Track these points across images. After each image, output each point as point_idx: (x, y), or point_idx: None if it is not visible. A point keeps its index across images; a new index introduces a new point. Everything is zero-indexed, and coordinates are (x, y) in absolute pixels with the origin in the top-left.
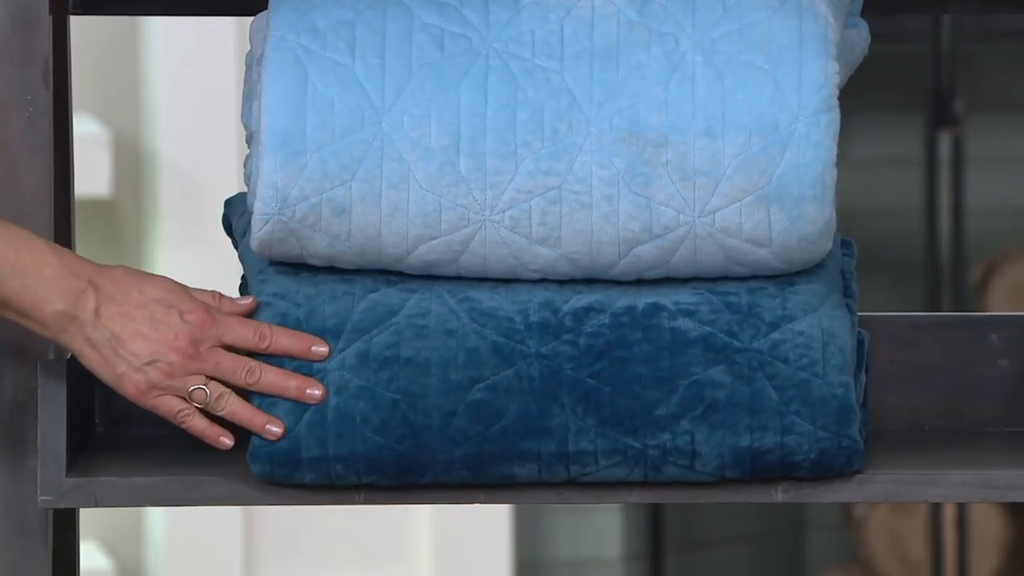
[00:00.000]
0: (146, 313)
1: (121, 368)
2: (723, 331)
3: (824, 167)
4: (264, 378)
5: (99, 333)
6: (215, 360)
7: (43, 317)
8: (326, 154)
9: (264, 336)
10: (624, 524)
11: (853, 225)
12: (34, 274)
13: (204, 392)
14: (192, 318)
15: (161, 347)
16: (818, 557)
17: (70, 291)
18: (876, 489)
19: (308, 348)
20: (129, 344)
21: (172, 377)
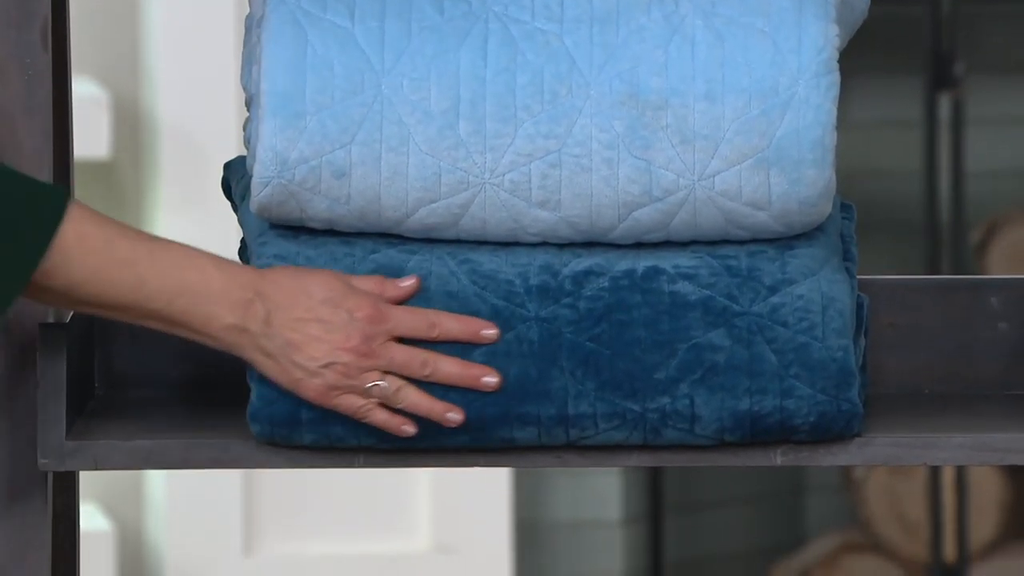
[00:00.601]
0: (315, 316)
1: (298, 374)
2: (722, 295)
3: (824, 130)
4: (439, 368)
5: (272, 342)
6: (389, 355)
7: (214, 333)
8: (325, 117)
9: (434, 325)
10: (624, 486)
11: (853, 187)
12: (200, 291)
13: (381, 387)
14: (361, 315)
15: (335, 349)
16: (817, 519)
17: (238, 304)
18: (875, 452)
19: (477, 332)
20: (303, 350)
21: (349, 377)
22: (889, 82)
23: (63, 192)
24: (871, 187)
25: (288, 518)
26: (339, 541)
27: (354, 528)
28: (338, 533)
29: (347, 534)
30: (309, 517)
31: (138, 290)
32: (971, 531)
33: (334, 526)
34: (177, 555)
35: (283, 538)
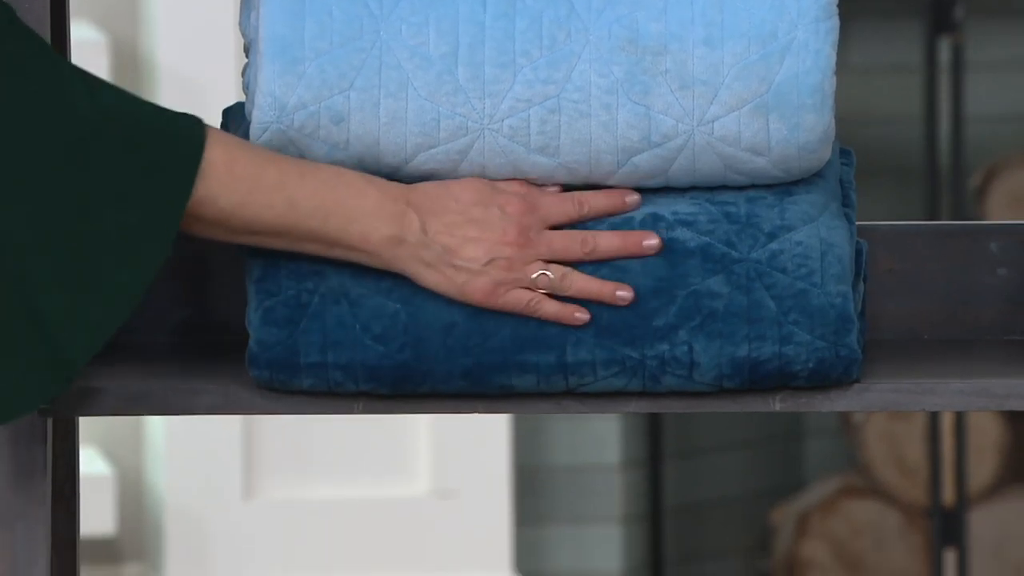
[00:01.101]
0: (468, 218)
1: (462, 278)
2: (721, 241)
3: (823, 75)
4: (599, 244)
5: (431, 251)
6: (547, 242)
7: (373, 247)
8: (324, 62)
9: (582, 202)
10: (622, 431)
11: (852, 132)
12: (355, 206)
13: (547, 277)
14: (512, 210)
15: (494, 245)
16: (816, 463)
17: (393, 216)
18: (874, 398)
19: (622, 201)
20: (462, 252)
21: (513, 270)
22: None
23: (199, 120)
24: (870, 132)
25: (287, 462)
26: (339, 485)
27: (354, 472)
28: (338, 477)
29: (347, 478)
30: (309, 461)
31: (291, 212)
32: (970, 475)
33: (334, 470)
34: (177, 499)
35: (283, 482)
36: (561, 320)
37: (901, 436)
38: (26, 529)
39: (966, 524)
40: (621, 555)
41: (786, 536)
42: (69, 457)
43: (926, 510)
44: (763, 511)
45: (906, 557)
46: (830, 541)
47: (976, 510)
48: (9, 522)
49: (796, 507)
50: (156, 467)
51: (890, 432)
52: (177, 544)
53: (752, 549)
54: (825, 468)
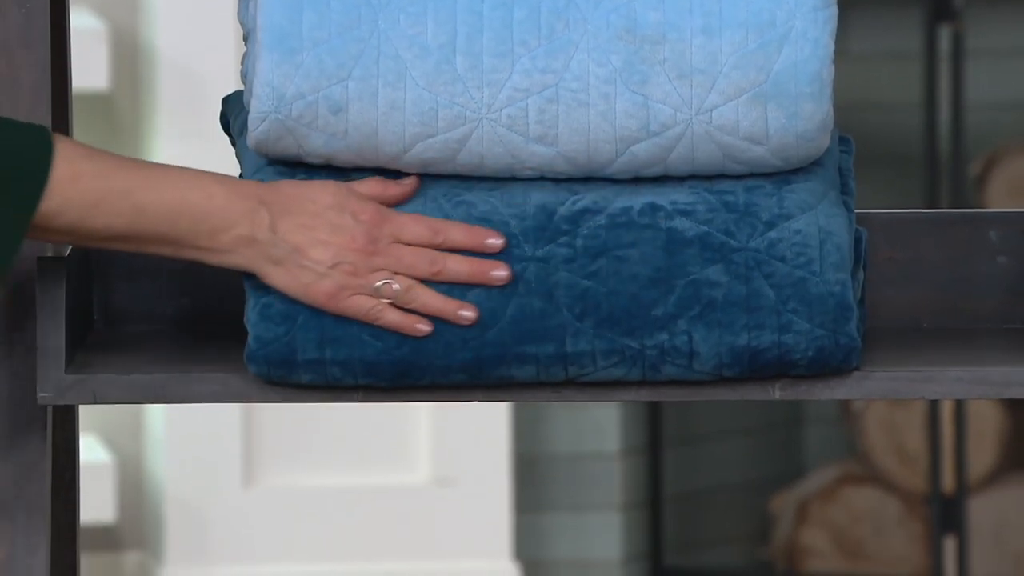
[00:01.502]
0: (322, 221)
1: (307, 278)
2: (720, 230)
3: (821, 64)
4: (448, 266)
5: (279, 248)
6: (396, 254)
7: (222, 245)
8: (322, 52)
9: (439, 231)
10: (622, 418)
11: (851, 120)
12: (203, 208)
13: (392, 287)
14: (366, 217)
15: (341, 249)
16: (816, 451)
17: (243, 214)
18: (873, 386)
19: (482, 241)
20: (310, 253)
21: (357, 276)
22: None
23: (47, 132)
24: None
25: (287, 450)
26: (338, 473)
27: (354, 460)
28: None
29: (347, 466)
30: (308, 449)
31: (140, 218)
32: (969, 462)
33: (334, 458)
34: (176, 487)
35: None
36: (402, 330)
37: (901, 424)
38: (26, 517)
39: (966, 511)
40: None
41: (786, 524)
42: (69, 445)
43: (926, 497)
44: (763, 499)
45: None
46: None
47: (976, 498)
48: (9, 510)
49: (796, 495)
50: (156, 455)
51: (890, 420)
52: (177, 532)
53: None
54: (825, 456)
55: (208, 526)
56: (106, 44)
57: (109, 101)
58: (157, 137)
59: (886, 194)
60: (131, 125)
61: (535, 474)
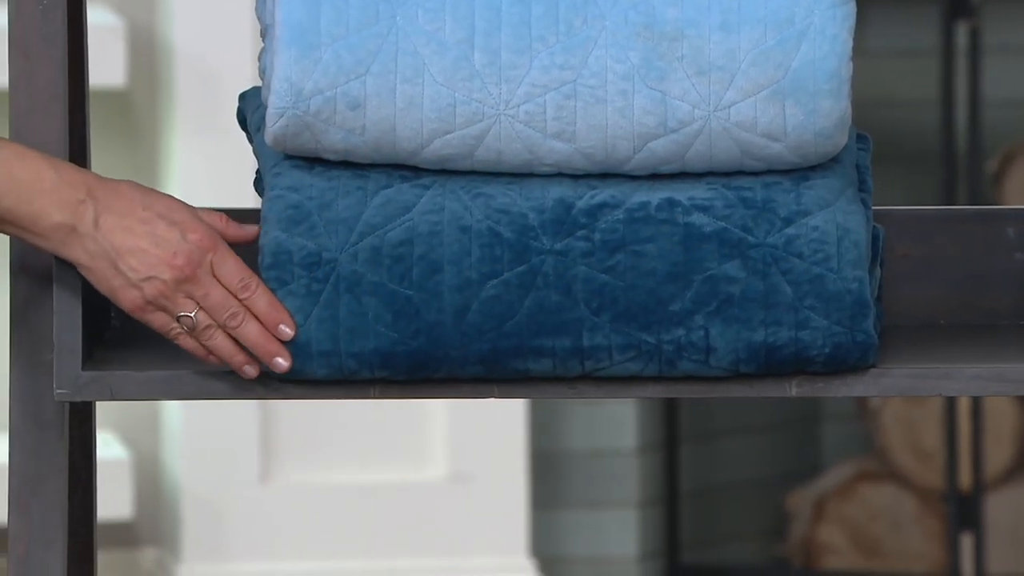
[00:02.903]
0: (148, 229)
1: (118, 282)
2: (738, 226)
3: (840, 61)
4: (244, 327)
5: (98, 245)
6: (206, 289)
7: (42, 230)
8: (340, 48)
9: (248, 287)
10: (639, 415)
11: (869, 117)
12: (31, 188)
13: (192, 320)
14: (194, 238)
15: (159, 264)
16: (832, 447)
17: (68, 202)
18: (890, 383)
19: (276, 323)
20: (127, 258)
21: (165, 297)
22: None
23: None
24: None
25: (304, 447)
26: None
27: (370, 456)
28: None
29: (363, 462)
30: (325, 446)
31: None
32: (986, 459)
33: (350, 455)
34: (193, 483)
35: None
36: (196, 355)
37: (918, 421)
38: (43, 513)
39: (982, 509)
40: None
41: (802, 521)
42: (86, 442)
43: (943, 495)
44: (779, 496)
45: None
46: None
47: (993, 495)
48: (26, 506)
49: (812, 491)
50: (173, 451)
51: (907, 417)
52: (194, 528)
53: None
54: (841, 453)
55: (225, 522)
56: (123, 40)
57: (126, 98)
58: (174, 133)
59: (903, 191)
60: (148, 121)
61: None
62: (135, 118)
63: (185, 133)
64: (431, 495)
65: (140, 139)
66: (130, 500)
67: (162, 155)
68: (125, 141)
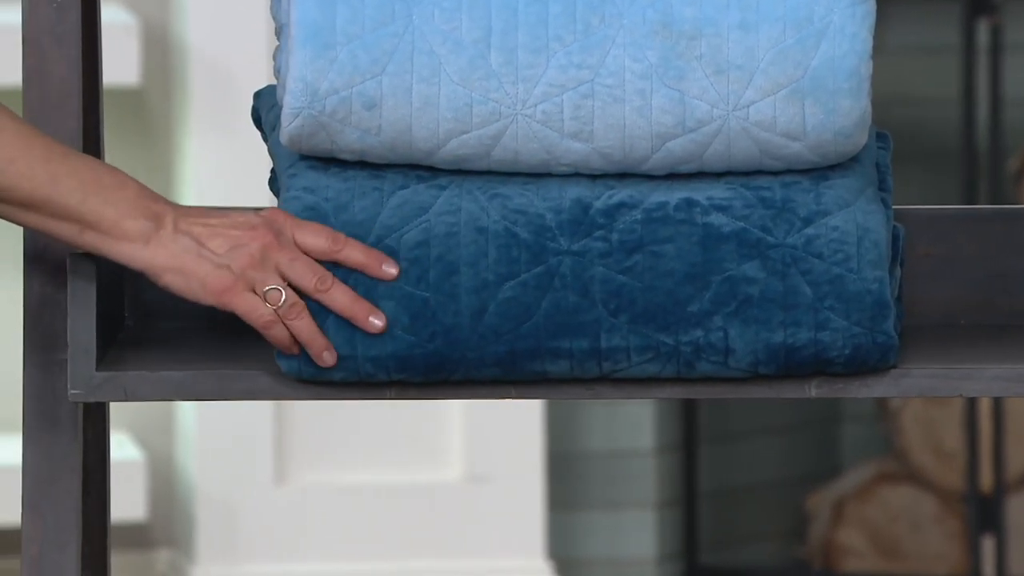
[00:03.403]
0: (224, 220)
1: (204, 268)
2: (757, 226)
3: (859, 59)
4: (334, 290)
5: (179, 241)
6: (292, 255)
7: (125, 232)
8: (356, 47)
9: (339, 240)
10: (657, 415)
11: (888, 115)
12: (115, 193)
13: (280, 293)
14: (268, 214)
15: (242, 237)
16: (852, 448)
17: (150, 208)
18: (911, 384)
19: (379, 265)
20: (209, 242)
21: (253, 267)
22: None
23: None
24: (907, 115)
25: (319, 448)
26: (371, 471)
27: (386, 457)
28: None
29: (379, 463)
30: (340, 447)
31: (52, 185)
32: (1008, 460)
33: (366, 456)
34: (208, 484)
35: (314, 468)
36: (279, 345)
37: (938, 421)
38: (57, 514)
39: (1004, 510)
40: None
41: (822, 522)
42: (100, 443)
43: (963, 496)
44: (799, 497)
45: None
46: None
47: (1014, 496)
48: (40, 507)
49: (832, 493)
50: (187, 452)
51: (927, 417)
52: (208, 530)
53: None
54: (861, 454)
55: (240, 524)
56: (137, 39)
57: (140, 97)
58: (188, 132)
59: (923, 190)
60: (162, 120)
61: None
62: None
63: (199, 132)
64: (447, 496)
65: (154, 138)
66: (144, 501)
67: (176, 154)
68: (139, 140)
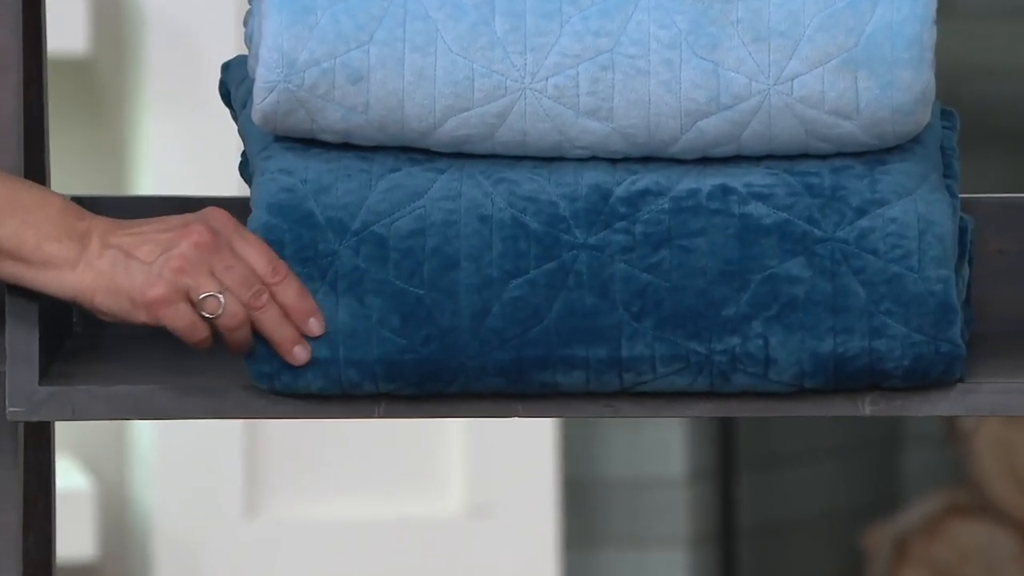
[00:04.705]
0: (156, 225)
1: (136, 280)
2: (802, 218)
3: (922, 24)
4: (267, 311)
5: (105, 257)
6: (230, 261)
7: (47, 257)
8: (339, 11)
9: (279, 271)
10: (688, 438)
11: (957, 90)
12: (37, 213)
13: (217, 302)
14: (207, 211)
15: (173, 239)
16: (917, 476)
17: (76, 228)
18: (980, 400)
19: (305, 317)
20: (138, 250)
21: (186, 272)
22: None
23: None
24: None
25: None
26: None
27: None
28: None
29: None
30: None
31: None
32: None
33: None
34: (166, 518)
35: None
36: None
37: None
38: None
39: None
40: None
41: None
42: (43, 469)
43: None
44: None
45: None
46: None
47: None
48: None
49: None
50: (143, 481)
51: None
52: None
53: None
54: (927, 482)
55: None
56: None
57: (88, 67)
58: (144, 109)
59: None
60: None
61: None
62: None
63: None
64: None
65: (105, 116)
66: (93, 537)
67: (130, 135)
68: (87, 118)
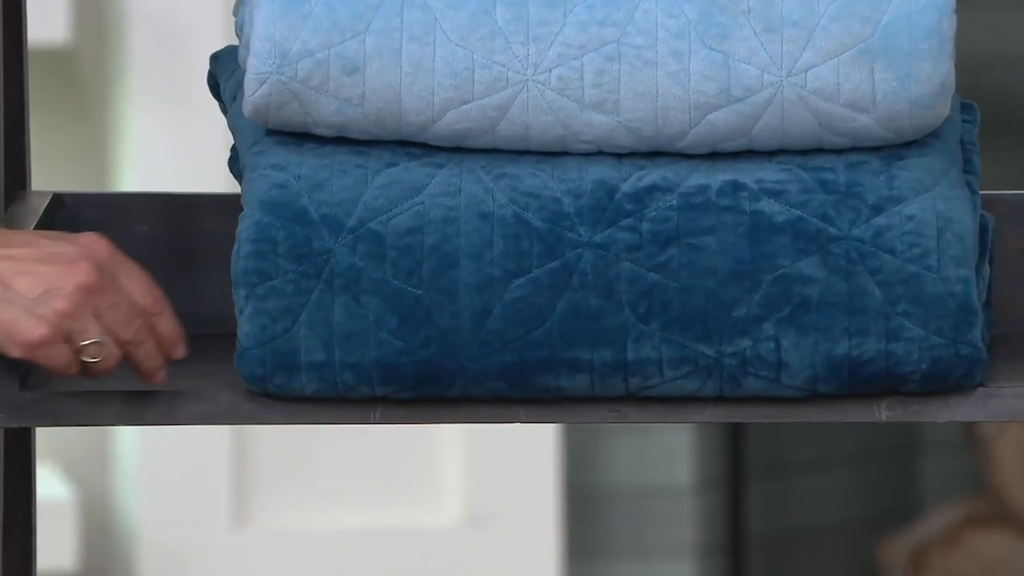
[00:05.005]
0: (32, 250)
1: (12, 314)
2: (816, 215)
3: (941, 14)
4: (145, 346)
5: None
6: (113, 299)
7: None
8: (334, 0)
9: (158, 304)
10: (696, 445)
11: (977, 82)
12: None
13: (99, 349)
14: (88, 243)
15: (57, 277)
16: (934, 485)
17: None
18: (1001, 406)
19: (178, 344)
20: (15, 282)
21: (70, 316)
22: None
23: None
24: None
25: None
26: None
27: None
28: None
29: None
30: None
31: None
32: None
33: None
34: (151, 528)
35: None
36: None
37: None
38: None
39: None
40: None
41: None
42: (24, 477)
43: None
44: (869, 544)
45: None
46: None
47: None
48: None
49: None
50: (127, 489)
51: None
52: None
53: None
54: (946, 491)
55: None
56: None
57: (70, 57)
58: (128, 101)
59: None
60: (97, 86)
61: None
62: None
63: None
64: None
65: (87, 106)
66: (75, 548)
67: (113, 128)
68: (68, 108)
